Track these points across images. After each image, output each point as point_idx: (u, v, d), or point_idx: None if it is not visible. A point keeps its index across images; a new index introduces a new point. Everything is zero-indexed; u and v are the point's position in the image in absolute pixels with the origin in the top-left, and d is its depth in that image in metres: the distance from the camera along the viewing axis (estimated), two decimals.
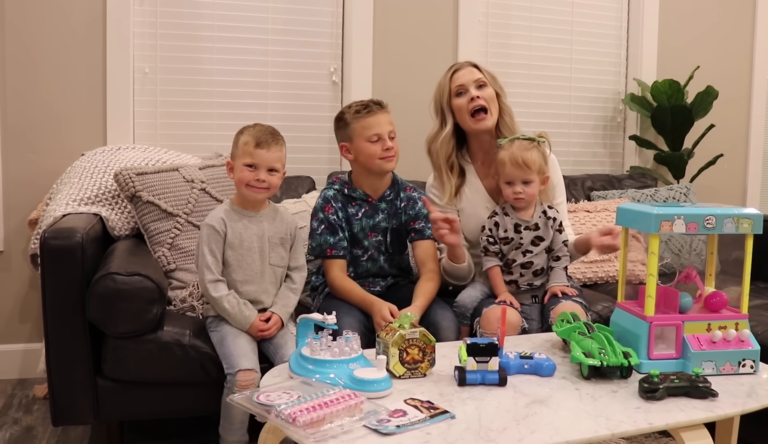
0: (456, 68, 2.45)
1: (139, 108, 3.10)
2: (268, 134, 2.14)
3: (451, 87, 2.42)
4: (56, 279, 2.04)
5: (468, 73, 2.42)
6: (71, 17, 2.99)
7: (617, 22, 3.78)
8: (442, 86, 2.45)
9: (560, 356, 1.87)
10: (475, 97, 2.37)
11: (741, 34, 3.93)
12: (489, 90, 2.40)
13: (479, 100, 2.37)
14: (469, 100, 2.38)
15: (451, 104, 2.42)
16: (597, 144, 3.79)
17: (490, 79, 2.43)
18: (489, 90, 2.40)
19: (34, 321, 3.03)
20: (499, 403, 1.55)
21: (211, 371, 2.11)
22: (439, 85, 2.46)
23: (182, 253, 2.48)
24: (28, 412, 2.65)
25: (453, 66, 2.47)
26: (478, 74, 2.41)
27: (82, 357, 2.07)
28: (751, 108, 3.96)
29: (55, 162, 2.93)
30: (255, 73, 3.24)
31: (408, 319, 1.75)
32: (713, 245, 1.96)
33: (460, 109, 2.40)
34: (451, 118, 2.43)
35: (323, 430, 1.34)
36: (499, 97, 2.44)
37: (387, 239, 2.40)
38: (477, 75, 2.41)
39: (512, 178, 2.26)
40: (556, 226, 2.33)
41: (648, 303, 1.77)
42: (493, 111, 2.40)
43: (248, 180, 2.12)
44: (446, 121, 2.43)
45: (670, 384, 1.59)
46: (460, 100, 2.40)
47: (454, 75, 2.43)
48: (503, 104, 2.45)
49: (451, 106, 2.42)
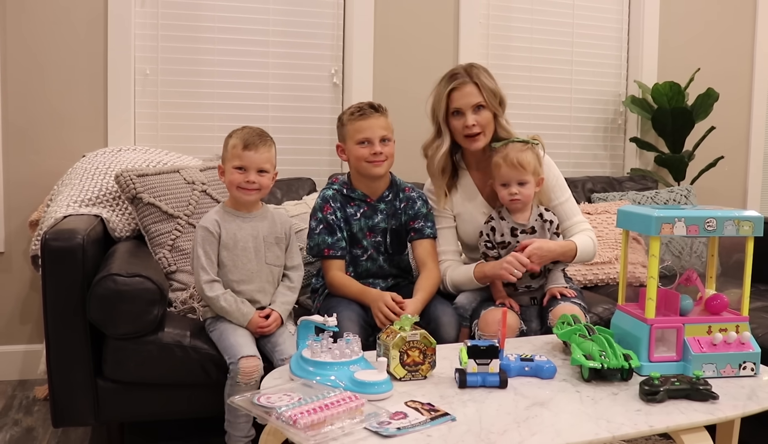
0: (454, 86, 2.33)
1: (140, 109, 3.10)
2: (256, 136, 2.15)
3: (448, 105, 2.35)
4: (57, 280, 2.04)
5: (466, 96, 2.32)
6: (73, 18, 2.99)
7: (618, 24, 3.78)
8: (439, 98, 2.37)
9: (561, 358, 1.87)
10: (471, 125, 2.32)
11: (741, 36, 3.93)
12: (486, 114, 2.33)
13: (474, 127, 2.32)
14: (464, 126, 2.33)
15: (447, 121, 2.38)
16: (597, 146, 3.80)
17: (489, 97, 2.33)
18: (486, 114, 2.33)
19: (34, 322, 3.03)
20: (500, 406, 1.55)
21: (212, 372, 2.11)
22: (437, 95, 2.38)
23: (183, 255, 2.48)
24: (28, 413, 2.65)
25: (452, 78, 2.35)
26: (477, 98, 2.32)
27: (82, 358, 2.08)
28: (751, 110, 3.96)
29: (56, 163, 2.93)
30: (256, 74, 3.24)
31: (409, 321, 1.75)
32: (714, 248, 1.96)
33: (456, 129, 2.37)
34: (448, 135, 2.39)
35: (324, 432, 1.34)
36: (496, 118, 2.36)
37: (386, 240, 2.41)
38: (475, 98, 2.32)
39: (508, 180, 2.26)
40: (553, 229, 2.33)
41: (648, 305, 1.77)
42: (487, 133, 2.35)
43: (238, 182, 2.14)
44: (442, 133, 2.39)
45: (670, 386, 1.59)
46: (456, 121, 2.35)
47: (452, 94, 2.34)
48: (499, 125, 2.37)
49: (448, 123, 2.38)
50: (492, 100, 2.33)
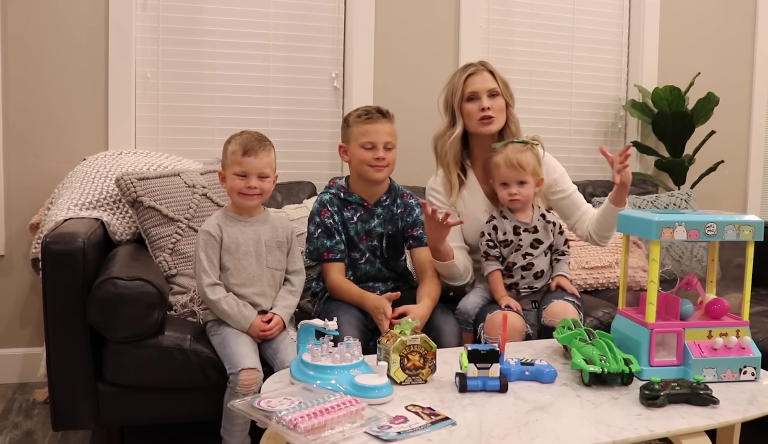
0: (471, 72, 2.42)
1: (141, 113, 3.11)
2: (255, 141, 2.15)
3: (464, 90, 2.41)
4: (57, 283, 2.04)
5: (482, 81, 2.41)
6: (73, 22, 2.99)
7: (618, 28, 3.78)
8: (455, 86, 2.44)
9: (561, 363, 1.87)
10: (486, 108, 2.38)
11: (742, 40, 3.94)
12: (500, 100, 2.41)
13: (489, 111, 2.38)
14: (479, 109, 2.38)
15: (462, 107, 2.42)
16: (598, 150, 3.78)
17: (503, 87, 2.43)
18: (500, 100, 2.41)
19: (34, 325, 3.02)
20: (500, 410, 1.55)
21: (212, 376, 2.11)
22: (452, 84, 2.45)
23: (183, 259, 2.48)
24: (28, 416, 2.65)
25: (468, 67, 2.45)
26: (492, 83, 2.41)
27: (82, 361, 2.08)
28: (751, 114, 3.96)
29: (56, 166, 2.94)
30: (256, 78, 3.24)
31: (409, 326, 1.75)
32: (714, 252, 1.96)
33: (470, 114, 2.41)
34: (461, 121, 2.43)
35: (324, 436, 1.34)
36: (508, 107, 2.45)
37: (382, 244, 2.41)
38: (491, 84, 2.40)
39: (507, 180, 2.29)
40: (556, 230, 2.35)
41: (649, 310, 1.77)
42: (500, 119, 2.42)
43: (240, 188, 2.14)
44: (456, 121, 2.44)
45: (671, 391, 1.59)
46: (471, 105, 2.40)
47: (468, 79, 2.41)
48: (510, 114, 2.46)
49: (462, 109, 2.42)
50: (505, 89, 2.44)
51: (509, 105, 2.45)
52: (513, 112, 2.46)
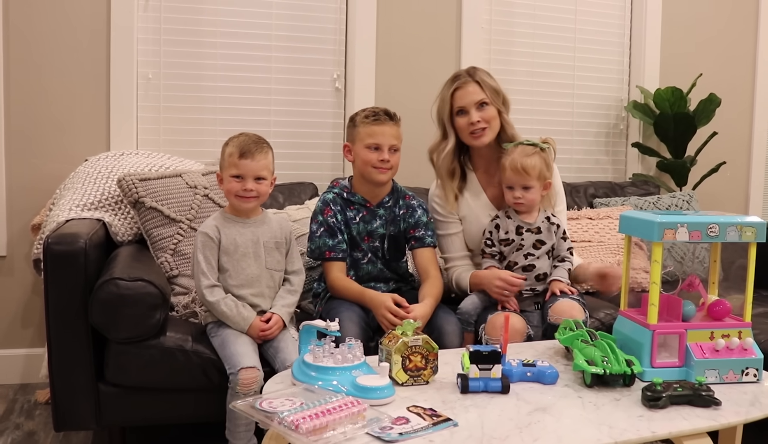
0: (457, 86, 2.40)
1: (143, 114, 3.11)
2: (252, 143, 2.14)
3: (452, 104, 2.40)
4: (59, 284, 2.04)
5: (469, 94, 2.38)
6: (75, 23, 3.00)
7: (620, 29, 3.78)
8: (443, 100, 2.43)
9: (563, 364, 1.87)
10: (476, 121, 2.36)
11: (744, 41, 3.93)
12: (490, 110, 2.38)
13: (479, 123, 2.37)
14: (469, 123, 2.38)
15: (452, 121, 2.42)
16: (600, 151, 3.79)
17: (492, 95, 2.39)
18: (490, 110, 2.38)
19: (36, 326, 3.03)
20: (502, 411, 1.54)
21: (214, 377, 2.11)
22: (441, 98, 2.44)
23: (185, 259, 2.48)
24: (29, 417, 2.65)
25: (455, 80, 2.42)
26: (480, 95, 2.37)
27: (84, 362, 2.08)
28: (753, 115, 3.96)
29: (58, 167, 2.94)
30: (258, 79, 3.24)
31: (411, 326, 1.74)
32: (716, 253, 1.96)
33: (461, 128, 2.41)
34: (453, 134, 2.43)
35: (326, 437, 1.34)
36: (501, 114, 2.41)
37: (384, 245, 2.41)
38: (478, 96, 2.37)
39: (512, 183, 2.30)
40: (560, 234, 2.35)
41: (651, 311, 1.77)
42: (493, 127, 2.40)
43: (236, 190, 2.14)
44: (448, 135, 2.43)
45: (673, 392, 1.59)
46: (461, 119, 2.40)
47: (455, 93, 2.40)
48: (504, 121, 2.42)
49: (453, 122, 2.42)
50: (494, 97, 2.40)
51: (501, 112, 2.41)
52: (507, 118, 2.43)
